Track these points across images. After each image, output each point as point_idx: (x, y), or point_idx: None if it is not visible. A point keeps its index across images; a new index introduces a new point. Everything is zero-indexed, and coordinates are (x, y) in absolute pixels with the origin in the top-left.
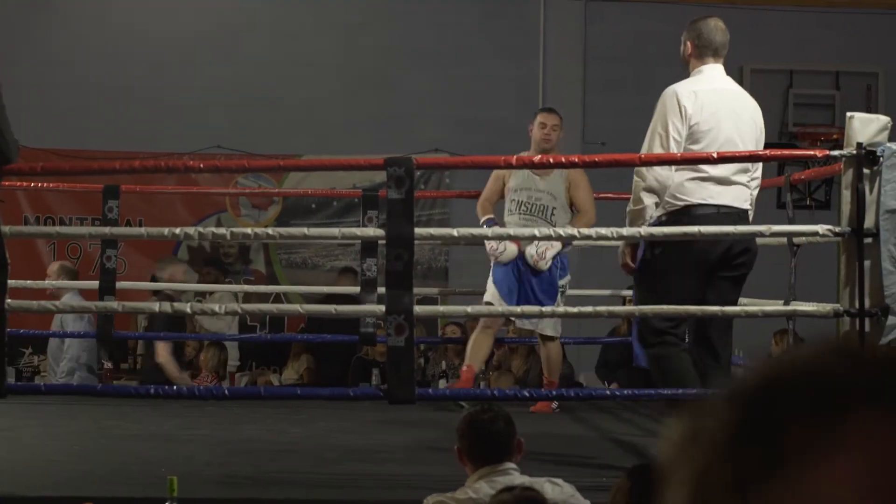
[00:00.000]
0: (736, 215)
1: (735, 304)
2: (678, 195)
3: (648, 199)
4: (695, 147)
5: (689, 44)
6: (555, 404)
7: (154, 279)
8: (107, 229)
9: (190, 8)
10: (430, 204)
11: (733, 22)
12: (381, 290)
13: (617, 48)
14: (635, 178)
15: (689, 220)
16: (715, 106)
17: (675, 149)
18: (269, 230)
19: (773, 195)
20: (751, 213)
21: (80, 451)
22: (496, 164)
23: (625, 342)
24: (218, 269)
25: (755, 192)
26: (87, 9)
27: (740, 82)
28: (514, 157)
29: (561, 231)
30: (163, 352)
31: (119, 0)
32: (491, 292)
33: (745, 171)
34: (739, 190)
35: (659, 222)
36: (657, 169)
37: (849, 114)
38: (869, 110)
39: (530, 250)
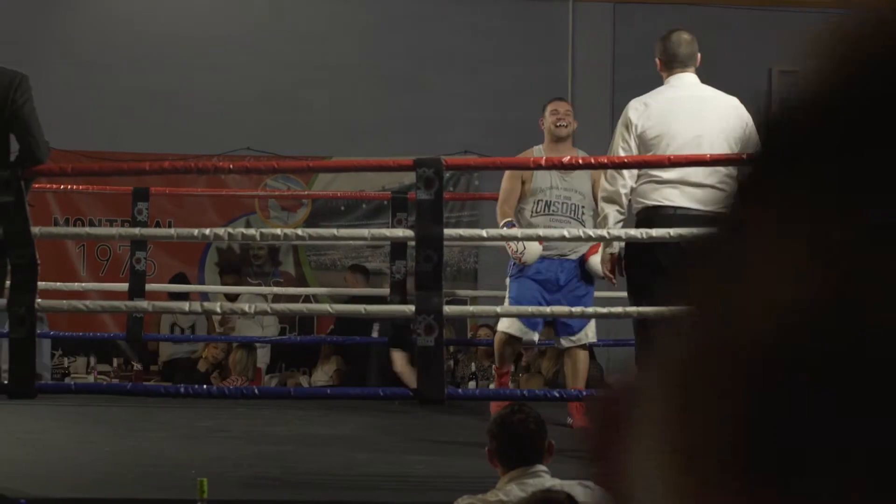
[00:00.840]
0: (699, 218)
1: None
2: (638, 199)
3: (608, 209)
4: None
5: (658, 60)
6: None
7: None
8: (136, 230)
9: (218, 10)
10: (460, 206)
11: (761, 23)
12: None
13: (646, 50)
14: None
15: (650, 222)
16: (667, 112)
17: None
18: (299, 231)
19: None
20: None
21: (111, 452)
22: (525, 165)
23: None
24: (239, 275)
25: None
26: (116, 11)
27: (769, 84)
28: (543, 157)
29: (591, 232)
30: (400, 361)
31: (146, 2)
32: (511, 321)
33: (716, 172)
34: (705, 192)
35: (634, 225)
36: (602, 181)
37: None
38: None
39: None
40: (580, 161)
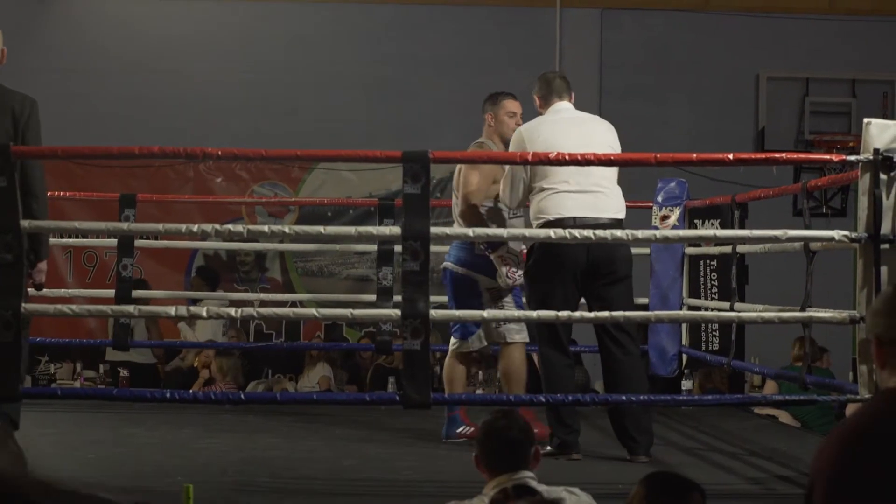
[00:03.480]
0: (598, 226)
1: (621, 302)
2: (539, 214)
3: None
4: (544, 177)
5: (536, 98)
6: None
7: None
8: (124, 225)
9: (209, 16)
10: (447, 212)
11: (750, 30)
12: (398, 298)
13: (633, 56)
14: None
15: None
16: (555, 137)
17: (520, 182)
18: (286, 228)
19: (789, 203)
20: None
21: (95, 459)
22: (512, 161)
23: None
24: (207, 282)
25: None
26: (105, 18)
27: (756, 90)
28: (530, 153)
29: (579, 232)
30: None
31: (136, 9)
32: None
33: (604, 179)
34: (599, 200)
35: (535, 238)
36: (504, 195)
37: (866, 119)
38: (885, 118)
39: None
40: (567, 157)
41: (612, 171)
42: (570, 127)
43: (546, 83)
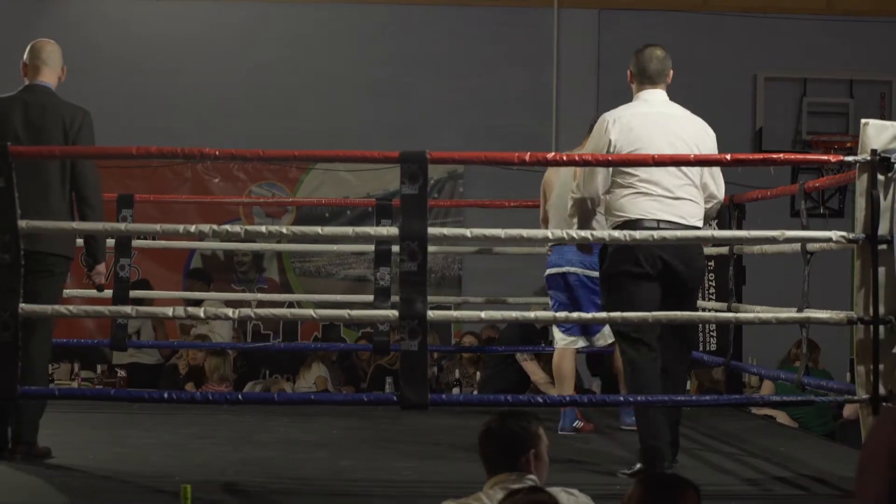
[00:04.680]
0: (680, 230)
1: (689, 308)
2: (616, 212)
3: (580, 213)
4: (630, 172)
5: (629, 73)
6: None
7: None
8: (122, 225)
9: (208, 16)
10: (444, 213)
11: (747, 31)
12: (395, 298)
13: (630, 56)
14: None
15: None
16: (641, 129)
17: (599, 172)
18: (283, 229)
19: (786, 203)
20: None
21: (94, 459)
22: (510, 161)
23: None
24: (203, 282)
25: (715, 209)
26: (104, 18)
27: (754, 91)
28: (528, 154)
29: (576, 233)
30: (537, 371)
31: (135, 8)
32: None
33: (692, 186)
34: (684, 206)
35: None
36: (598, 181)
37: (863, 120)
38: (883, 118)
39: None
40: (565, 157)
41: (697, 173)
42: (659, 123)
43: (643, 62)
